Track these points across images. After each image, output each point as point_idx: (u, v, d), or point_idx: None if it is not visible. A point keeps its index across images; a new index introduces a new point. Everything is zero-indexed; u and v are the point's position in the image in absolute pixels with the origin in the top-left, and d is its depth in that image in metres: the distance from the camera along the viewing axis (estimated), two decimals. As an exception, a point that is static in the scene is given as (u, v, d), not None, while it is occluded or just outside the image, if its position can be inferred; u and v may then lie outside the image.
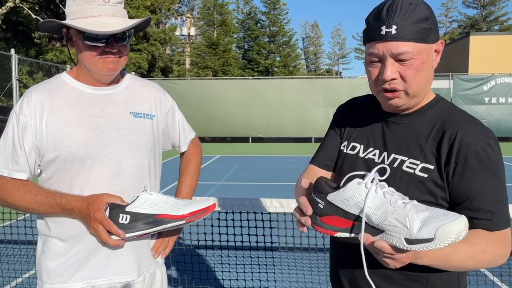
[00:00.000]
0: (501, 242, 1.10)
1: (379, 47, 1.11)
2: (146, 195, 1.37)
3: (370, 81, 1.19)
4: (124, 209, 1.35)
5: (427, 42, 1.11)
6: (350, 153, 1.31)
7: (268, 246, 3.03)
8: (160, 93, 1.66)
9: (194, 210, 1.37)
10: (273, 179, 9.40)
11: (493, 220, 1.09)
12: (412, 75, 1.11)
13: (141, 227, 1.36)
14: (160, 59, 26.33)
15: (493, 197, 1.10)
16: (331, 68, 58.94)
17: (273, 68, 33.56)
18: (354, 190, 1.00)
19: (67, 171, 1.41)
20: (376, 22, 1.12)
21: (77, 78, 1.49)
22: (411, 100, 1.17)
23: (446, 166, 1.12)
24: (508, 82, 18.23)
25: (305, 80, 20.57)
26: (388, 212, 0.95)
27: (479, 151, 1.10)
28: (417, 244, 0.90)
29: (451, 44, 28.33)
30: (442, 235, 0.87)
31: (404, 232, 0.92)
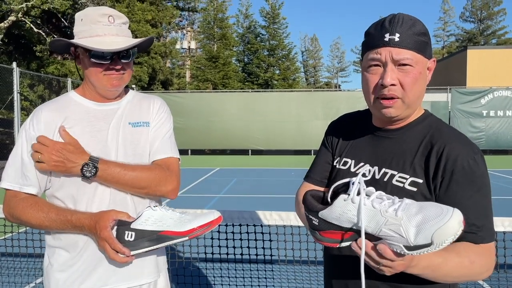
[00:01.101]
0: (486, 254, 1.13)
1: (381, 51, 1.16)
2: (150, 211, 1.38)
3: (368, 89, 1.22)
4: (130, 226, 1.36)
5: (424, 55, 1.17)
6: (342, 168, 1.35)
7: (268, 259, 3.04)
8: (158, 103, 1.65)
9: (197, 226, 1.36)
10: (272, 191, 9.41)
11: (478, 234, 1.12)
12: (410, 83, 1.15)
13: (146, 244, 1.36)
14: (160, 72, 26.48)
15: (477, 211, 1.13)
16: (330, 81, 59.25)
17: (272, 81, 33.74)
18: (342, 207, 0.99)
19: (74, 185, 1.45)
20: (379, 31, 1.17)
21: (84, 95, 1.55)
22: (405, 110, 1.20)
23: (434, 179, 1.16)
24: (506, 95, 18.34)
25: (305, 93, 20.69)
26: (381, 224, 0.94)
27: (465, 165, 1.14)
28: (417, 250, 0.91)
29: (449, 58, 28.55)
30: (439, 239, 0.88)
31: (401, 241, 0.92)
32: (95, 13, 1.46)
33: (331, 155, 1.43)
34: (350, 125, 1.42)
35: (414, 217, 0.92)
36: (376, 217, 0.94)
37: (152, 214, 1.37)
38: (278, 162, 16.15)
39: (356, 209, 0.97)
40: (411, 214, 0.92)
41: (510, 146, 18.51)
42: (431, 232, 0.88)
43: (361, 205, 0.95)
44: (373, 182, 1.23)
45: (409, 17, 1.18)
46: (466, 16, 46.34)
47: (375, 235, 0.96)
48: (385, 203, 0.96)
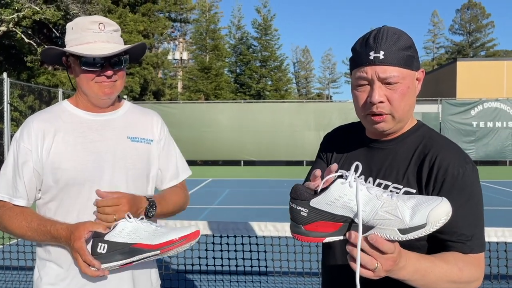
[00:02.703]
0: (475, 264, 1.12)
1: (367, 70, 1.16)
2: (125, 222, 1.31)
3: (357, 106, 1.24)
4: (103, 237, 1.30)
5: (411, 68, 1.18)
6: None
7: (263, 271, 3.01)
8: (159, 120, 1.68)
9: (169, 240, 1.29)
10: (265, 202, 9.38)
11: (467, 244, 1.11)
12: (398, 99, 1.16)
13: (118, 257, 1.30)
14: (152, 82, 26.48)
15: (467, 221, 1.12)
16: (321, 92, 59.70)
17: (264, 92, 33.87)
18: (340, 190, 0.96)
19: (66, 195, 1.43)
20: (364, 48, 1.17)
21: (77, 105, 1.53)
22: (396, 124, 1.22)
23: (426, 188, 1.16)
24: (495, 107, 18.60)
25: (297, 104, 20.78)
26: (378, 207, 0.94)
27: (455, 175, 1.14)
28: (411, 233, 0.92)
29: (439, 70, 28.97)
30: (433, 219, 0.91)
31: (397, 224, 0.92)
32: (86, 21, 1.46)
33: (326, 166, 1.43)
34: (344, 137, 1.43)
35: (408, 201, 0.94)
36: (372, 201, 0.95)
37: (126, 226, 1.31)
38: (270, 173, 16.13)
39: (352, 193, 0.95)
40: (405, 199, 0.95)
41: (499, 157, 18.72)
42: (426, 212, 0.91)
43: (358, 187, 0.95)
44: None
45: (394, 31, 1.18)
46: (455, 29, 47.18)
47: (367, 222, 0.94)
48: (377, 189, 0.98)
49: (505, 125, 18.57)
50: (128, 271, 1.48)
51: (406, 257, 1.02)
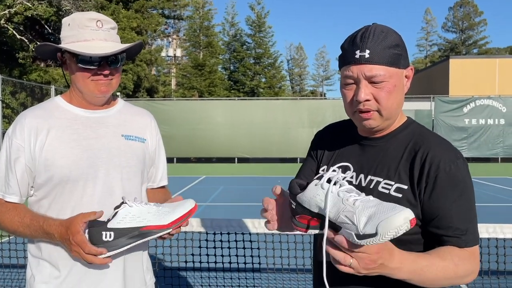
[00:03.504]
0: (471, 258, 1.14)
1: (353, 69, 1.17)
2: (127, 208, 1.34)
3: (346, 103, 1.25)
4: (106, 225, 1.32)
5: (398, 67, 1.18)
6: None
7: (256, 267, 3.02)
8: (153, 120, 1.71)
9: (178, 217, 1.35)
10: (259, 199, 9.31)
11: (462, 238, 1.13)
12: (384, 97, 1.17)
13: (126, 242, 1.33)
14: (145, 79, 26.36)
15: (461, 215, 1.14)
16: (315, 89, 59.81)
17: (258, 89, 33.85)
18: (313, 191, 1.06)
19: (59, 192, 1.43)
20: (351, 47, 1.19)
21: (70, 102, 1.52)
22: (384, 122, 1.23)
23: (418, 185, 1.17)
24: (487, 104, 18.75)
25: (290, 101, 20.81)
26: (340, 210, 1.00)
27: (447, 170, 1.15)
28: (364, 239, 0.95)
29: (431, 67, 29.10)
30: (383, 230, 0.92)
31: (353, 228, 0.97)
32: (83, 17, 1.44)
33: (316, 164, 1.45)
34: (335, 134, 1.44)
35: (368, 209, 0.97)
36: (338, 204, 1.01)
37: (129, 211, 1.33)
38: (264, 170, 16.15)
39: (324, 194, 1.03)
40: (367, 206, 0.98)
41: (491, 154, 18.89)
42: (377, 222, 0.93)
43: (328, 191, 1.02)
44: (360, 189, 1.24)
45: (381, 29, 1.18)
46: (448, 26, 47.42)
47: (335, 222, 1.01)
48: (351, 195, 1.02)
49: (496, 122, 18.73)
50: (122, 269, 1.49)
51: (400, 258, 1.04)
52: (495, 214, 7.70)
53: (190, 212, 1.38)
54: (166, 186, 1.80)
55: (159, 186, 1.75)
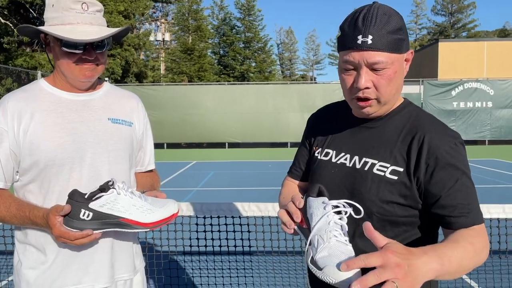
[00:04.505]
0: (481, 235, 1.10)
1: (355, 55, 1.14)
2: (114, 194, 1.32)
3: (344, 89, 1.22)
4: (87, 204, 1.30)
5: (400, 52, 1.15)
6: (323, 159, 1.35)
7: (246, 250, 3.05)
8: (139, 103, 1.69)
9: (160, 220, 1.36)
10: (250, 184, 9.43)
11: (468, 216, 1.11)
12: (385, 85, 1.15)
13: (101, 226, 1.32)
14: (134, 64, 26.02)
15: (465, 194, 1.13)
16: (306, 73, 59.60)
17: (248, 74, 33.64)
18: (316, 206, 1.13)
19: (45, 176, 1.41)
20: (352, 31, 1.14)
21: (54, 84, 1.50)
22: (382, 107, 1.21)
23: (416, 168, 1.16)
24: (475, 87, 18.90)
25: (281, 85, 20.73)
26: (320, 233, 1.07)
27: (448, 150, 1.14)
28: (313, 266, 1.03)
29: (421, 50, 29.14)
30: (326, 271, 0.98)
31: (314, 252, 1.05)
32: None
33: (312, 146, 1.44)
34: (330, 116, 1.42)
35: (334, 250, 1.03)
36: (323, 228, 1.08)
37: (115, 198, 1.32)
38: (255, 154, 16.17)
39: (321, 213, 1.11)
40: (335, 247, 1.04)
41: (479, 137, 19.12)
42: (327, 263, 0.99)
43: (325, 214, 1.10)
44: (354, 171, 1.24)
45: (384, 11, 1.13)
46: (437, 10, 47.33)
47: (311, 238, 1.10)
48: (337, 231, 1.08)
49: (484, 105, 18.92)
50: (110, 253, 1.49)
51: (422, 250, 0.95)
52: (484, 195, 7.82)
53: (172, 217, 1.39)
54: (154, 169, 1.79)
55: (147, 170, 1.74)
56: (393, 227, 1.19)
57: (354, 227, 1.19)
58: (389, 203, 1.17)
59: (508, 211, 2.61)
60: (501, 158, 14.33)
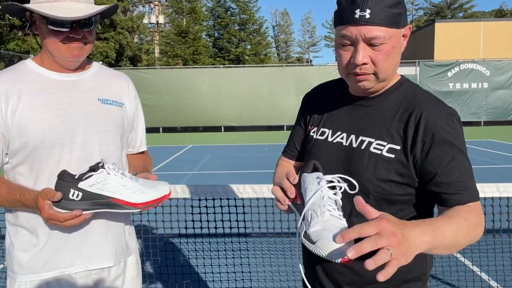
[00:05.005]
0: (477, 211, 1.10)
1: (352, 30, 1.11)
2: (104, 174, 1.31)
3: (340, 64, 1.20)
4: (77, 184, 1.28)
5: (398, 27, 1.13)
6: (319, 138, 1.34)
7: (242, 232, 3.06)
8: (130, 84, 1.66)
9: (151, 200, 1.34)
10: (246, 167, 9.44)
11: (464, 194, 1.11)
12: (382, 60, 1.13)
13: (91, 206, 1.30)
14: (128, 48, 25.73)
15: (461, 171, 1.12)
16: (301, 56, 59.23)
17: (244, 57, 33.40)
18: (310, 181, 1.13)
19: (35, 158, 1.39)
20: (349, 5, 1.12)
21: (42, 64, 1.46)
22: (379, 83, 1.19)
23: (413, 146, 1.15)
24: (471, 68, 18.86)
25: (276, 68, 20.61)
26: (313, 207, 1.07)
27: (445, 128, 1.13)
28: (306, 240, 1.03)
29: (417, 31, 28.93)
30: (318, 244, 0.98)
31: (307, 226, 1.05)
32: None
33: (307, 126, 1.42)
34: (325, 95, 1.40)
35: (328, 224, 1.02)
36: (316, 203, 1.08)
37: (105, 178, 1.30)
38: (251, 138, 16.16)
39: (316, 188, 1.10)
40: (329, 222, 1.03)
41: (474, 118, 19.17)
42: (320, 237, 0.99)
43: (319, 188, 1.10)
44: (351, 150, 1.23)
45: None
46: (434, -10, 46.82)
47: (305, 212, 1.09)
48: (331, 206, 1.07)
49: (480, 86, 18.91)
50: (103, 235, 1.48)
51: (415, 223, 0.95)
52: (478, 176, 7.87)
53: (163, 198, 1.37)
54: (146, 151, 1.77)
55: (138, 151, 1.72)
56: (390, 205, 1.18)
57: (350, 206, 1.18)
58: (386, 182, 1.16)
59: (502, 189, 2.62)
60: (496, 139, 14.40)
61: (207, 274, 3.51)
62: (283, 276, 3.49)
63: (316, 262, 1.29)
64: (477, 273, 3.47)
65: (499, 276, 3.42)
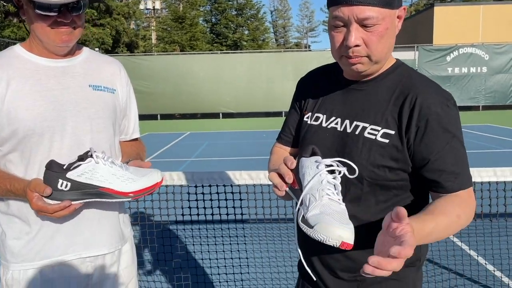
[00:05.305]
0: (468, 202, 1.11)
1: (344, 11, 1.09)
2: (92, 163, 1.28)
3: (333, 47, 1.18)
4: (65, 174, 1.27)
5: (391, 7, 1.11)
6: (313, 124, 1.32)
7: (239, 218, 3.06)
8: (121, 69, 1.63)
9: (142, 188, 1.32)
10: (244, 154, 9.43)
11: (456, 181, 1.11)
12: (375, 41, 1.11)
13: (81, 196, 1.29)
14: (124, 34, 25.51)
15: (454, 158, 1.11)
16: (300, 41, 58.82)
17: (241, 42, 33.15)
18: (308, 165, 1.10)
19: (26, 146, 1.37)
20: None
21: (31, 50, 1.43)
22: (373, 66, 1.17)
23: (407, 130, 1.13)
24: (470, 52, 18.75)
25: (274, 53, 20.45)
26: (312, 192, 1.05)
27: (439, 112, 1.11)
28: (304, 224, 1.01)
29: (416, 15, 28.69)
30: (317, 229, 0.96)
31: (305, 210, 1.03)
32: None
33: (302, 111, 1.40)
34: (319, 80, 1.38)
35: (326, 208, 1.01)
36: (315, 187, 1.06)
37: (93, 167, 1.28)
38: (249, 124, 16.13)
39: (314, 172, 1.08)
40: (328, 206, 1.02)
41: (473, 103, 19.13)
42: (319, 220, 0.97)
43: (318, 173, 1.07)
44: (345, 136, 1.21)
45: None
46: (433, -27, 46.29)
47: (303, 197, 1.08)
48: (329, 190, 1.05)
49: (479, 70, 18.83)
50: (97, 224, 1.47)
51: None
52: (476, 160, 7.90)
53: (155, 186, 1.34)
54: (139, 138, 1.75)
55: (131, 138, 1.70)
56: (384, 191, 1.17)
57: (345, 191, 1.17)
58: (380, 167, 1.14)
59: (500, 174, 2.61)
60: (494, 123, 14.40)
61: (204, 260, 3.53)
62: (280, 262, 3.51)
63: (311, 247, 1.29)
64: (473, 257, 3.49)
65: (495, 260, 3.44)
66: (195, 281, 3.18)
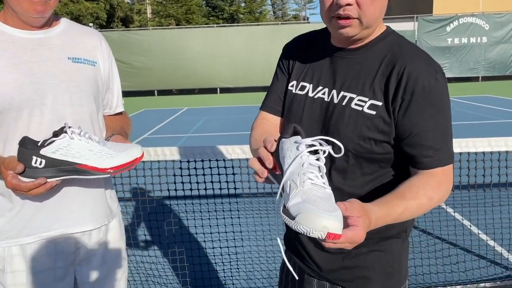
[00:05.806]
0: (444, 180, 1.09)
1: None
2: (67, 138, 1.24)
3: (323, 7, 1.13)
4: (39, 151, 1.23)
5: None
6: (299, 93, 1.27)
7: (232, 193, 3.05)
8: (102, 41, 1.58)
9: (120, 164, 1.28)
10: (242, 129, 9.39)
11: (434, 157, 1.08)
12: (368, 2, 1.06)
13: (57, 174, 1.25)
14: (119, 8, 25.05)
15: (436, 133, 1.08)
16: (298, 13, 57.80)
17: (238, 15, 32.58)
18: (288, 147, 0.99)
19: (3, 122, 1.33)
20: None
21: (5, 22, 1.37)
22: (363, 30, 1.12)
23: (394, 101, 1.09)
24: (471, 22, 18.45)
25: (272, 26, 20.12)
26: (293, 177, 0.94)
27: (426, 85, 1.07)
28: (285, 215, 0.90)
29: (416, -15, 28.08)
30: (299, 220, 0.85)
31: (286, 199, 0.92)
32: None
33: (287, 79, 1.34)
34: (306, 46, 1.32)
35: (309, 194, 0.90)
36: (296, 171, 0.94)
37: (68, 143, 1.24)
38: (247, 99, 16.03)
39: (295, 154, 0.97)
40: (311, 192, 0.91)
41: (472, 73, 18.96)
42: (301, 210, 0.86)
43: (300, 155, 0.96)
44: (332, 106, 1.17)
45: None
46: None
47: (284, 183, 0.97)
48: (312, 173, 0.94)
49: (479, 40, 18.58)
50: (82, 199, 1.45)
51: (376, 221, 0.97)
52: (473, 131, 7.89)
53: (134, 161, 1.30)
54: (124, 112, 1.71)
55: (116, 112, 1.66)
56: (369, 163, 1.14)
57: (330, 163, 1.14)
58: (366, 140, 1.11)
59: (494, 144, 2.59)
60: (493, 94, 14.31)
61: (198, 234, 3.55)
62: (274, 235, 3.54)
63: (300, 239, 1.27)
64: (467, 227, 3.51)
65: (488, 229, 3.47)
66: (189, 255, 3.20)
